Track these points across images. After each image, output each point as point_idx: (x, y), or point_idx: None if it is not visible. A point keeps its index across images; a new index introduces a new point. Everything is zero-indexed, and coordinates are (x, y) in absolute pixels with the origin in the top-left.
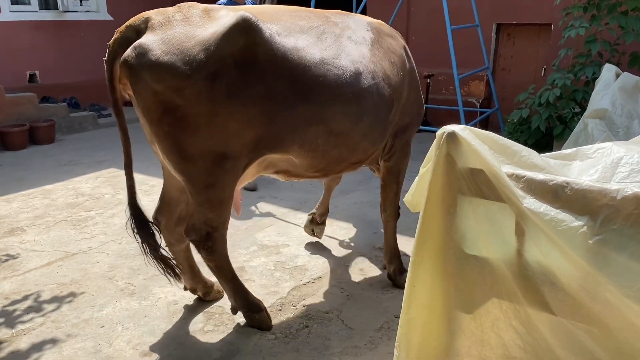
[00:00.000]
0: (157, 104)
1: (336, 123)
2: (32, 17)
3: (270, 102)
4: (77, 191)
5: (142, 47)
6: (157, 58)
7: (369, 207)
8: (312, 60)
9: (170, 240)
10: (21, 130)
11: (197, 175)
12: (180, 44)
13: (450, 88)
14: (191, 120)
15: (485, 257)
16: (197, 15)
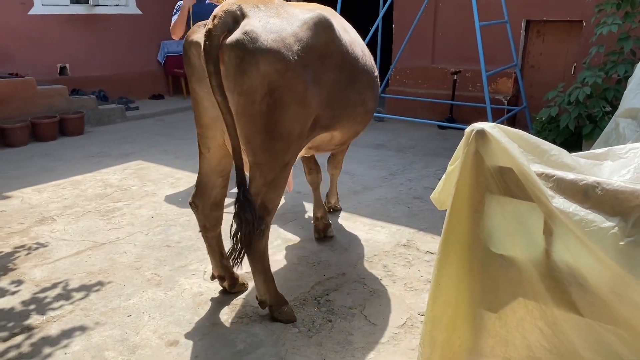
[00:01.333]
0: (262, 84)
1: (369, 103)
2: (63, 10)
3: (333, 87)
4: (105, 182)
5: (254, 32)
6: (268, 43)
7: (393, 203)
8: (357, 53)
9: (205, 225)
10: (52, 122)
11: (280, 154)
12: (279, 33)
13: (477, 85)
14: (287, 100)
15: (512, 257)
16: (278, 8)
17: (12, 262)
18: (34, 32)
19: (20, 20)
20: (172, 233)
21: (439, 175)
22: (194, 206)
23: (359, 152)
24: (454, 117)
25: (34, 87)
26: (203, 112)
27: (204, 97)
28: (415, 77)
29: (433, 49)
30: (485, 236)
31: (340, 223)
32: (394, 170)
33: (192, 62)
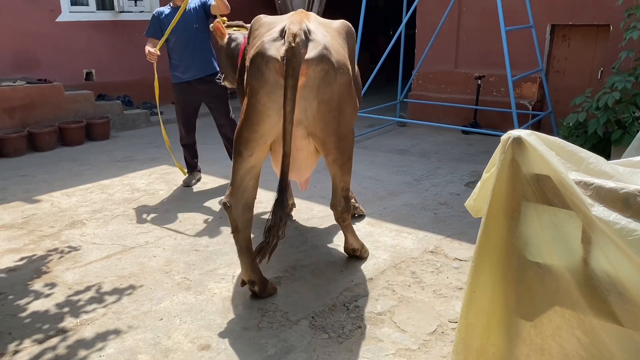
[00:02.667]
0: (337, 93)
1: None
2: (89, 17)
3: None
4: (132, 187)
5: (330, 48)
6: (340, 57)
7: (419, 209)
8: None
9: (237, 225)
10: (79, 127)
11: (347, 150)
12: (334, 48)
13: (502, 90)
14: (349, 103)
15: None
16: (318, 20)
17: (45, 265)
18: (61, 38)
19: (48, 27)
20: (200, 237)
21: (464, 180)
22: (227, 206)
23: (382, 157)
24: (477, 122)
25: (62, 93)
26: (265, 120)
27: (270, 107)
28: (438, 81)
29: (456, 53)
30: (521, 244)
31: (366, 228)
32: (419, 175)
33: (266, 77)
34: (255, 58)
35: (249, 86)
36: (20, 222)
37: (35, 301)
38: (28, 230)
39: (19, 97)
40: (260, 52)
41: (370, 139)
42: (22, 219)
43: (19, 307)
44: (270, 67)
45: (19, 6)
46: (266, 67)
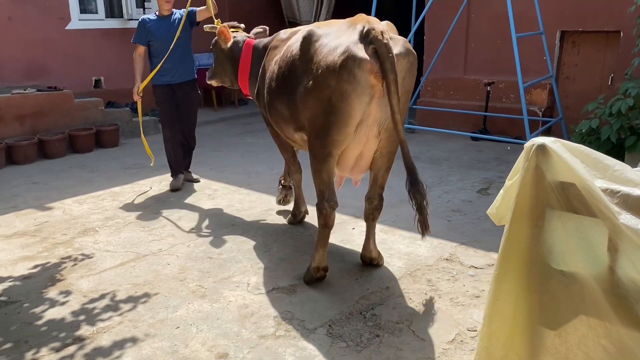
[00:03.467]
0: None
1: None
2: (98, 25)
3: None
4: (143, 194)
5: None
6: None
7: (432, 217)
8: None
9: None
10: (88, 134)
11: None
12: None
13: (511, 96)
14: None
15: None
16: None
17: (60, 273)
18: (70, 46)
19: (58, 35)
20: (213, 244)
21: (476, 187)
22: (331, 205)
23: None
24: (487, 129)
25: (72, 100)
26: (352, 122)
27: (358, 109)
28: (447, 88)
29: (465, 60)
30: (545, 252)
31: (379, 235)
32: (430, 182)
33: (358, 78)
34: (347, 62)
35: (338, 92)
36: (32, 229)
37: (51, 309)
38: (41, 237)
39: (30, 105)
40: (350, 55)
41: None
42: (34, 227)
43: (35, 315)
44: (363, 69)
45: (30, 14)
46: (359, 69)
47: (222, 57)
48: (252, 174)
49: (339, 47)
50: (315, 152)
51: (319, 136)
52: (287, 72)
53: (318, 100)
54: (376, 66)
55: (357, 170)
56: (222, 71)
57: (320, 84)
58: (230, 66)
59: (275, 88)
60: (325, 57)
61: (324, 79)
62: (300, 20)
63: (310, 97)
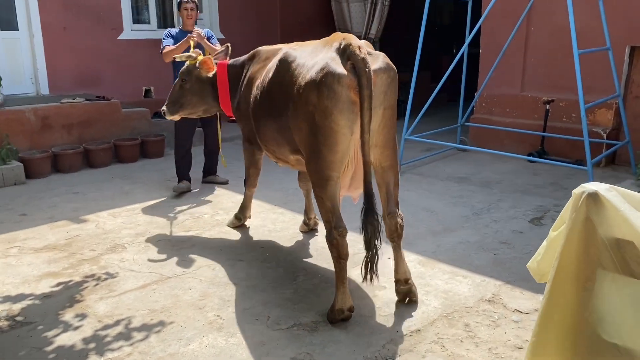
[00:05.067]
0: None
1: None
2: (150, 35)
3: None
4: (178, 209)
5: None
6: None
7: (477, 249)
8: None
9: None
10: (133, 144)
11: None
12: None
13: (573, 116)
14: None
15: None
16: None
17: (80, 293)
18: (122, 56)
19: (110, 45)
20: (238, 269)
21: (529, 216)
22: (340, 232)
23: (438, 186)
24: (545, 150)
25: (119, 110)
26: (342, 139)
27: (344, 125)
28: (502, 105)
29: (523, 76)
30: (595, 320)
31: (416, 268)
32: (478, 208)
33: (338, 94)
34: (326, 78)
35: (320, 109)
36: (63, 243)
37: (63, 334)
38: (69, 252)
39: (77, 114)
40: (329, 71)
41: (427, 165)
42: (65, 240)
43: (47, 339)
44: (343, 84)
45: (83, 24)
46: (339, 85)
47: (198, 85)
48: (290, 192)
49: (317, 65)
50: (312, 177)
51: (312, 159)
52: (270, 97)
53: (305, 120)
54: (355, 81)
55: (355, 187)
56: (197, 100)
57: (303, 103)
58: (209, 92)
59: (262, 113)
60: (304, 76)
61: (305, 97)
62: (352, 30)
63: (297, 118)
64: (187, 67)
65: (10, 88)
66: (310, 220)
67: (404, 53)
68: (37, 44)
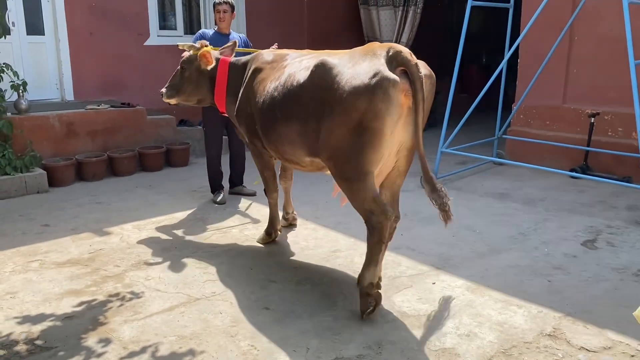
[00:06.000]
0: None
1: None
2: (176, 41)
3: None
4: (205, 222)
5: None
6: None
7: (529, 274)
8: None
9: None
10: (158, 152)
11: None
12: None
13: (619, 130)
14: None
15: None
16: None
17: (104, 315)
18: (147, 62)
19: (136, 50)
20: (272, 291)
21: (580, 238)
22: (388, 216)
23: (479, 203)
24: (589, 166)
25: (144, 117)
26: (386, 144)
27: (391, 131)
28: (542, 117)
29: (565, 87)
30: None
31: (465, 296)
32: (524, 228)
33: (392, 98)
34: (382, 83)
35: (372, 112)
36: (86, 257)
37: None
38: (93, 268)
39: (102, 121)
40: (385, 76)
41: (464, 179)
42: (88, 254)
43: None
44: (397, 88)
45: (110, 30)
46: (394, 89)
47: (197, 75)
48: (321, 206)
49: (366, 71)
50: (349, 174)
51: (351, 159)
52: (296, 101)
53: (344, 126)
54: (407, 85)
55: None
56: (192, 89)
57: (346, 109)
58: (206, 84)
59: (279, 116)
60: (349, 83)
61: (351, 103)
62: (381, 39)
63: (335, 125)
64: (190, 57)
65: (35, 93)
66: (289, 215)
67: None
68: (63, 49)
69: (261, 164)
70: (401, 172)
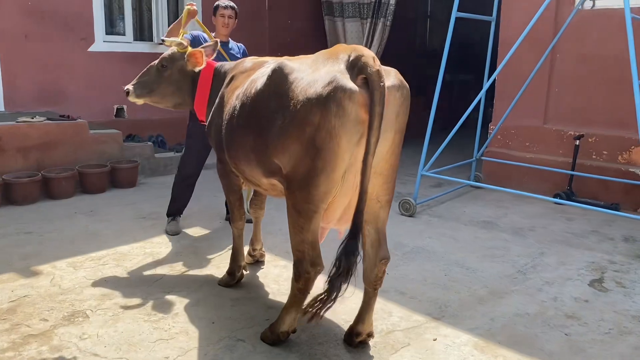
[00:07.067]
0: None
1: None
2: (125, 48)
3: None
4: (155, 258)
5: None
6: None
7: (542, 325)
8: None
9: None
10: (101, 172)
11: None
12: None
13: (604, 153)
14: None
15: None
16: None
17: None
18: (92, 70)
19: (79, 57)
20: (241, 354)
21: (585, 277)
22: (317, 270)
23: (463, 232)
24: (573, 190)
25: (86, 132)
26: (341, 164)
27: (346, 149)
28: (521, 138)
29: (546, 106)
30: None
31: (474, 356)
32: (521, 265)
33: (348, 112)
34: (335, 93)
35: (324, 129)
36: (5, 307)
37: None
38: (12, 323)
39: (37, 136)
40: (339, 85)
41: (443, 205)
42: (9, 303)
43: None
44: (354, 101)
45: (49, 33)
46: (350, 102)
47: (178, 76)
48: None
49: (322, 78)
50: (298, 205)
51: (303, 187)
52: (252, 110)
53: (298, 142)
54: (367, 98)
55: (345, 221)
56: (171, 91)
57: (299, 121)
58: (187, 87)
59: (236, 126)
60: (304, 91)
61: (304, 115)
62: None
63: (288, 139)
64: (173, 54)
65: None
66: (256, 252)
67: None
68: None
69: (227, 185)
70: (383, 204)
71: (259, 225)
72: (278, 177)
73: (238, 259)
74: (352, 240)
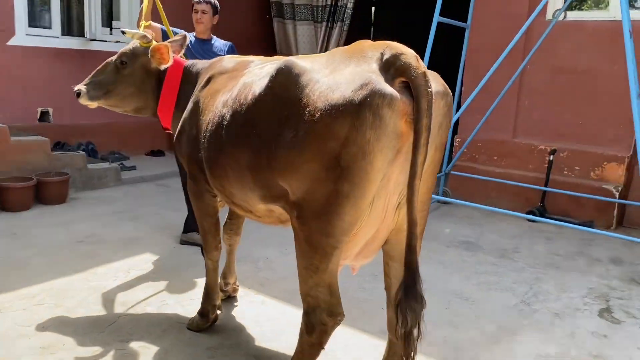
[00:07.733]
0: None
1: None
2: (51, 43)
3: None
4: (103, 294)
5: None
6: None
7: None
8: None
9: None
10: (25, 187)
11: None
12: None
13: (576, 168)
14: None
15: None
16: None
17: None
18: (11, 67)
19: None
20: None
21: (592, 307)
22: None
23: (448, 255)
24: (545, 207)
25: (6, 138)
26: (372, 188)
27: (380, 170)
28: (489, 152)
29: (515, 120)
30: None
31: None
32: (521, 294)
33: (386, 123)
34: (371, 99)
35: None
36: None
37: None
38: None
39: None
40: (376, 89)
41: None
42: None
43: None
44: (394, 109)
45: None
46: (389, 109)
47: (141, 75)
48: (261, 263)
49: (350, 80)
50: (313, 239)
51: (321, 216)
52: (248, 120)
53: (316, 160)
54: (410, 107)
55: (363, 256)
56: (131, 92)
57: (319, 135)
58: (151, 88)
59: (225, 140)
60: (325, 96)
61: (326, 126)
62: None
63: (301, 156)
64: (134, 49)
65: None
66: (229, 287)
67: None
68: None
69: (200, 208)
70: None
71: (234, 255)
72: (282, 203)
73: (212, 298)
74: (412, 287)
